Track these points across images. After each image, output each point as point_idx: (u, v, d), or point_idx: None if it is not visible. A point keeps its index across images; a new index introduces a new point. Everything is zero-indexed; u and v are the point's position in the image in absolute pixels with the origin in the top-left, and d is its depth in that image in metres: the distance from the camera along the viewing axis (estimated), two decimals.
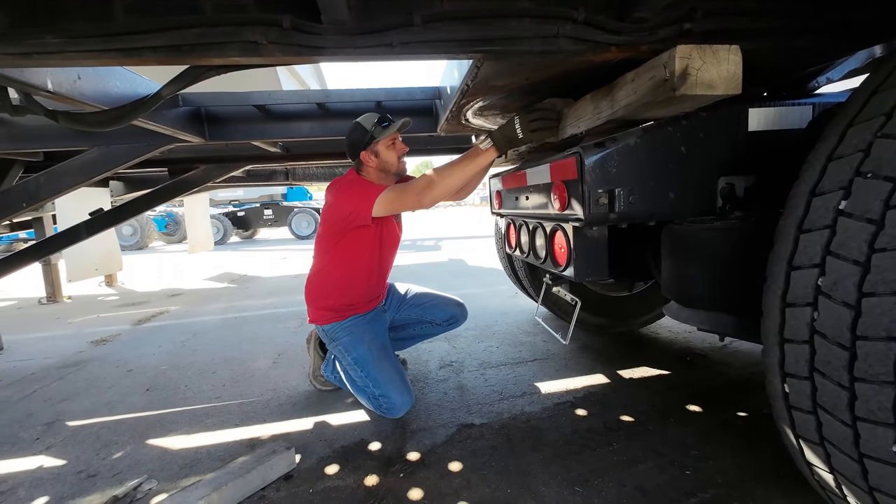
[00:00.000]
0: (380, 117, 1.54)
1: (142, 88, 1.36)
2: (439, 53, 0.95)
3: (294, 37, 0.87)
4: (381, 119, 1.54)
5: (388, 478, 1.27)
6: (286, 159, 2.74)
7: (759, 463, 1.25)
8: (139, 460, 1.43)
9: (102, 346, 2.74)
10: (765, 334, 0.83)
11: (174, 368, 2.25)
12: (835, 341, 0.69)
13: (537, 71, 1.15)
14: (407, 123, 1.59)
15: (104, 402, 1.88)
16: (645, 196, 1.08)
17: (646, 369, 1.91)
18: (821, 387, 0.73)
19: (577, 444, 1.39)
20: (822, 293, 0.71)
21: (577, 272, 1.24)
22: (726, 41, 0.94)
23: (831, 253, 0.70)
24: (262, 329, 2.88)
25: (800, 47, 1.03)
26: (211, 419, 1.68)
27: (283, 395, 1.85)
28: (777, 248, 0.81)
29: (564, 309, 2.37)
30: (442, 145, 2.92)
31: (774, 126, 1.10)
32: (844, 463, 0.73)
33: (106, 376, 2.20)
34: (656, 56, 0.94)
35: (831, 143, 0.77)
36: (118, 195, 3.72)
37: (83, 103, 1.15)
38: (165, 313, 3.60)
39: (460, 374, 1.96)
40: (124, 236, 9.85)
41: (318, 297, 1.66)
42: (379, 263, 1.69)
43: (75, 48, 0.82)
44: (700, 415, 1.53)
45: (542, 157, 1.46)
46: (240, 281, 5.12)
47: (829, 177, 0.74)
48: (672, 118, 1.08)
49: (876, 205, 0.65)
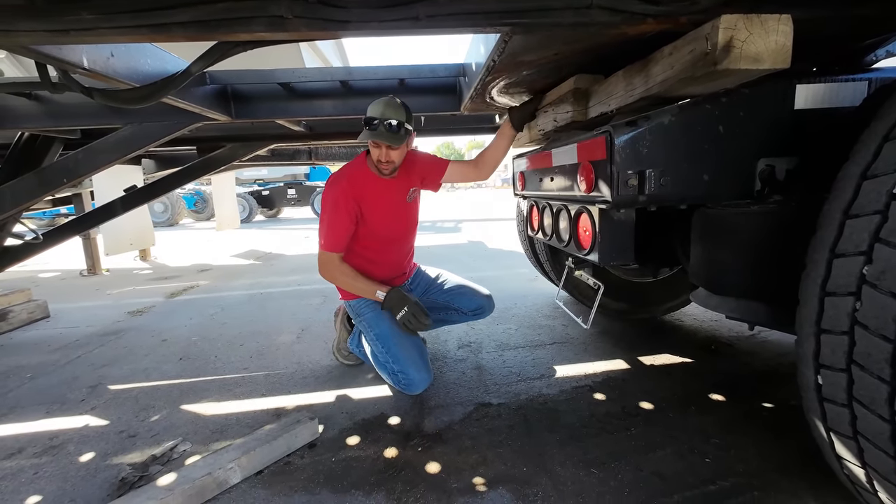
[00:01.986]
0: (371, 116, 1.46)
1: (171, 66, 1.38)
2: (466, 27, 0.92)
3: (319, 10, 0.86)
4: (370, 119, 1.47)
5: (406, 451, 1.31)
6: (309, 139, 2.76)
7: (783, 454, 1.22)
8: (174, 423, 1.52)
9: (139, 317, 2.89)
10: (800, 324, 0.79)
11: (204, 340, 2.36)
12: (878, 333, 0.65)
13: (568, 45, 1.10)
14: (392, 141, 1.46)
15: (141, 369, 2.00)
16: (677, 178, 1.03)
17: (668, 356, 1.88)
18: (858, 379, 0.70)
19: (595, 427, 1.39)
20: (868, 282, 0.67)
21: (602, 256, 1.21)
22: (776, 10, 0.87)
23: (880, 240, 0.66)
24: (285, 305, 2.97)
25: (864, 15, 0.94)
26: (240, 388, 1.76)
27: (307, 368, 1.92)
28: (820, 233, 0.76)
29: (585, 293, 2.34)
30: (463, 125, 2.87)
31: (824, 104, 1.02)
32: (878, 458, 0.70)
33: (142, 345, 2.33)
34: (697, 28, 0.88)
35: (889, 122, 0.71)
36: (150, 173, 3.85)
37: (116, 80, 1.18)
38: (196, 287, 3.76)
39: (479, 355, 1.98)
40: (156, 213, 10.25)
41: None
42: (388, 249, 1.72)
43: (108, 24, 0.83)
44: (723, 404, 1.50)
45: (568, 136, 1.42)
46: (265, 258, 5.27)
47: (883, 158, 0.69)
48: (711, 95, 1.02)
49: None
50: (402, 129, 1.49)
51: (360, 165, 1.64)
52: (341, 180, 1.59)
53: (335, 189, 1.57)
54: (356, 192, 1.57)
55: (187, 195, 11.34)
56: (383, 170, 1.58)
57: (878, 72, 1.06)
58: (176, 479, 1.12)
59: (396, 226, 1.72)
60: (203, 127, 2.22)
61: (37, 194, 1.97)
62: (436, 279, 1.93)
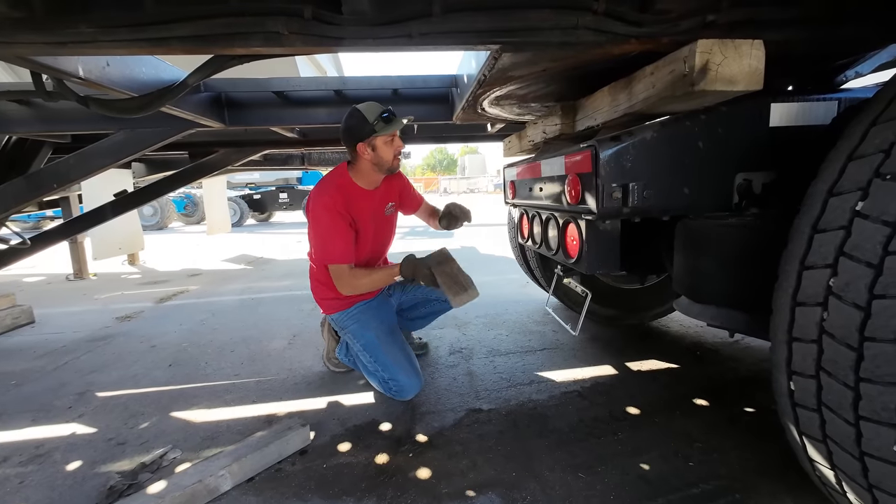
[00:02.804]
0: (383, 110, 1.46)
1: (167, 75, 1.40)
2: (458, 44, 0.95)
3: (315, 27, 0.88)
4: (383, 112, 1.46)
5: (397, 457, 1.33)
6: (303, 144, 2.77)
7: (764, 458, 1.26)
8: (164, 430, 1.52)
9: (127, 322, 2.86)
10: (773, 332, 0.84)
11: (195, 346, 2.35)
12: (843, 342, 0.69)
13: (556, 61, 1.14)
14: (410, 121, 1.56)
15: (130, 375, 1.99)
16: (660, 191, 1.07)
17: (654, 362, 1.92)
18: (826, 385, 0.73)
19: (583, 431, 1.42)
20: (834, 294, 0.71)
21: (589, 265, 1.24)
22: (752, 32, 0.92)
23: (845, 254, 0.70)
24: (277, 310, 2.97)
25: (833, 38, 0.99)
26: (230, 395, 1.76)
27: (299, 374, 1.93)
28: (791, 246, 0.80)
29: (575, 300, 2.38)
30: (456, 133, 2.91)
31: (797, 122, 1.08)
32: (846, 460, 0.74)
33: (131, 351, 2.31)
34: (678, 49, 0.93)
35: (853, 142, 0.76)
36: (140, 177, 3.82)
37: (112, 89, 1.19)
38: (186, 292, 3.73)
39: (470, 361, 2.00)
40: (145, 216, 10.12)
41: (321, 291, 1.70)
42: (369, 259, 1.72)
43: (107, 38, 0.85)
44: (707, 408, 1.54)
45: (556, 148, 1.46)
46: (256, 263, 5.24)
47: (847, 176, 0.74)
48: (691, 112, 1.07)
49: (893, 207, 0.64)
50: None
51: (341, 176, 1.59)
52: (329, 191, 1.53)
53: (326, 199, 1.51)
54: (347, 202, 1.54)
55: (177, 198, 11.22)
56: (397, 165, 1.59)
57: (847, 92, 1.12)
58: (166, 486, 1.13)
59: (378, 239, 1.73)
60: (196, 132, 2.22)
61: (25, 199, 1.96)
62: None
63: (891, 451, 0.65)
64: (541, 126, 1.61)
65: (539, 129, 1.62)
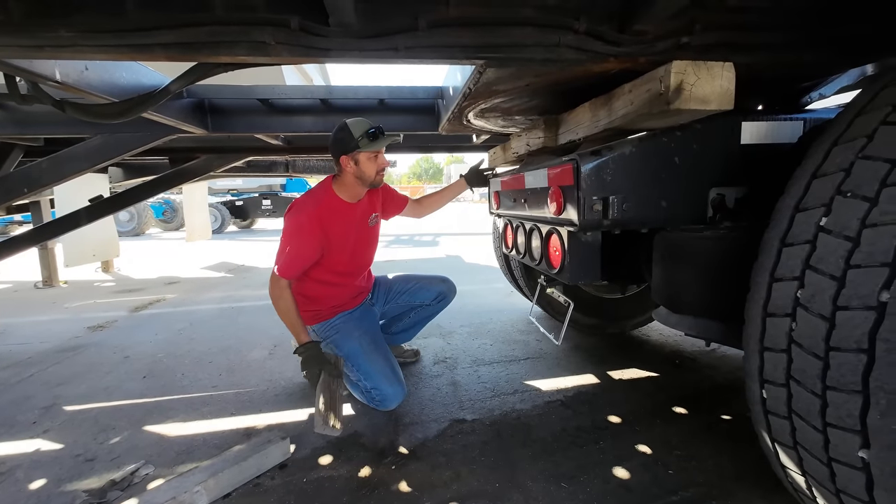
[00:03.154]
0: (370, 126, 1.50)
1: (147, 80, 1.38)
2: (444, 58, 0.97)
3: (302, 38, 0.89)
4: (370, 128, 1.49)
5: (380, 469, 1.31)
6: (287, 152, 2.75)
7: (740, 464, 1.29)
8: (137, 445, 1.46)
9: (99, 332, 2.76)
10: (746, 342, 0.86)
11: (171, 356, 2.28)
12: (810, 351, 0.72)
13: (539, 77, 1.18)
14: (395, 140, 1.57)
15: (102, 388, 1.91)
16: (638, 204, 1.11)
17: (635, 371, 1.96)
18: (796, 394, 0.76)
19: (566, 441, 1.43)
20: (801, 305, 0.74)
21: (571, 275, 1.27)
22: (723, 55, 0.97)
23: (811, 267, 0.73)
24: (258, 320, 2.91)
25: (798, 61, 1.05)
26: (208, 407, 1.71)
27: (279, 385, 1.88)
28: (761, 259, 0.84)
29: (558, 309, 2.41)
30: (442, 143, 2.94)
31: (766, 140, 1.13)
32: (815, 466, 0.77)
33: (103, 362, 2.22)
34: (654, 68, 0.96)
35: (817, 161, 0.80)
36: (117, 181, 3.72)
37: (90, 93, 1.17)
38: (162, 301, 3.62)
39: (454, 371, 2.00)
40: (121, 222, 9.82)
41: (303, 303, 1.68)
42: (350, 269, 1.72)
43: (88, 42, 0.84)
44: (686, 416, 1.57)
45: (540, 160, 1.49)
46: (237, 271, 5.13)
47: (812, 193, 0.78)
48: (667, 129, 1.11)
49: (853, 223, 0.68)
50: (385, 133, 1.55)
51: (325, 191, 1.61)
52: (307, 207, 1.55)
53: (301, 216, 1.53)
54: (323, 219, 1.55)
55: (155, 204, 10.93)
56: (380, 180, 1.60)
57: (812, 113, 1.18)
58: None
59: (360, 251, 1.73)
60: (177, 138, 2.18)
61: None
62: (392, 286, 1.95)
63: (856, 457, 0.68)
64: (525, 138, 1.64)
65: (523, 142, 1.65)
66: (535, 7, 0.93)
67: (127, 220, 10.01)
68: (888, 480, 0.65)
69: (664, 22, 0.94)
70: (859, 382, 0.65)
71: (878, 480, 0.66)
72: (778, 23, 1.00)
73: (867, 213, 0.67)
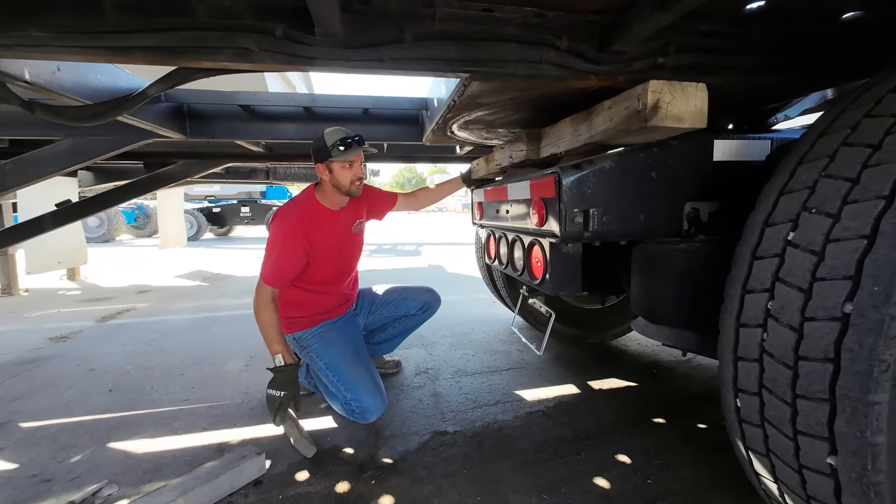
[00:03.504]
0: (343, 137, 1.49)
1: (124, 83, 1.34)
2: (429, 70, 0.98)
3: (286, 46, 0.88)
4: (343, 139, 1.49)
5: (359, 484, 1.28)
6: (268, 158, 2.71)
7: (715, 473, 1.32)
8: (100, 464, 1.38)
9: (62, 343, 2.62)
10: (721, 352, 0.89)
11: (140, 368, 2.18)
12: (781, 360, 0.75)
13: (522, 91, 1.20)
14: (370, 151, 1.58)
15: (63, 403, 1.81)
16: (617, 217, 1.13)
17: (615, 380, 1.98)
18: (768, 402, 0.79)
19: (547, 452, 1.43)
20: (772, 316, 0.77)
21: (553, 286, 1.28)
22: (697, 75, 1.01)
23: (780, 279, 0.76)
24: (234, 330, 2.82)
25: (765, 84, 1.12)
26: (178, 422, 1.64)
27: (255, 398, 1.82)
28: (734, 271, 0.87)
29: (540, 320, 2.43)
30: (426, 153, 2.95)
31: (737, 157, 1.18)
32: (787, 473, 0.79)
33: (66, 375, 2.10)
34: (632, 87, 1.00)
35: (783, 178, 0.84)
36: (87, 185, 3.58)
37: (62, 95, 1.13)
38: (132, 310, 3.47)
39: (436, 382, 1.98)
40: (90, 227, 9.42)
41: (287, 310, 1.65)
42: (335, 275, 1.70)
43: (61, 43, 0.81)
44: (663, 426, 1.60)
45: (522, 173, 1.51)
46: (213, 279, 4.98)
47: (780, 209, 0.81)
48: (645, 145, 1.15)
49: (818, 238, 0.71)
50: (364, 143, 1.54)
51: (308, 199, 1.61)
52: (291, 215, 1.55)
53: (285, 224, 1.52)
54: (307, 227, 1.54)
55: (127, 209, 10.55)
56: (356, 190, 1.58)
57: (778, 133, 1.25)
58: None
59: (344, 258, 1.71)
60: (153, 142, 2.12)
61: None
62: (377, 297, 1.93)
63: (825, 464, 0.70)
64: (507, 151, 1.67)
65: (506, 154, 1.68)
66: (518, 25, 0.96)
67: (96, 225, 9.62)
68: (854, 486, 0.68)
69: (641, 43, 0.99)
70: (827, 391, 0.68)
71: (846, 486, 0.69)
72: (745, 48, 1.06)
73: (830, 228, 0.70)
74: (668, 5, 0.80)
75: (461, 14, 0.92)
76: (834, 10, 0.96)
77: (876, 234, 0.65)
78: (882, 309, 0.62)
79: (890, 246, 0.63)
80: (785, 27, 1.02)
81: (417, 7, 0.91)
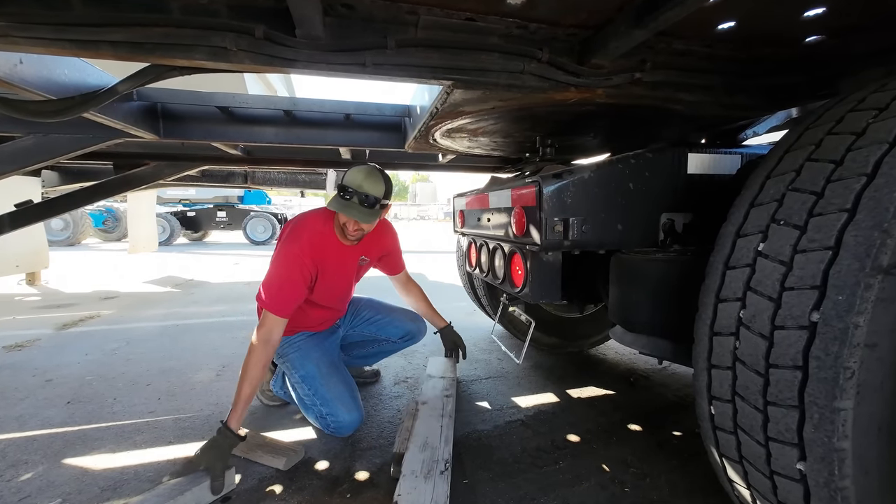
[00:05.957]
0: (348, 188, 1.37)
1: (93, 79, 1.28)
2: (411, 77, 0.98)
3: (266, 47, 0.87)
4: (344, 188, 1.37)
5: (333, 498, 1.23)
6: (247, 162, 2.64)
7: (690, 480, 1.33)
8: (53, 482, 1.29)
9: (17, 353, 2.46)
10: (695, 360, 0.90)
11: (102, 379, 2.06)
12: (752, 368, 0.77)
13: (504, 101, 1.22)
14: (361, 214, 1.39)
15: (14, 416, 1.69)
16: (596, 226, 1.15)
17: (593, 389, 2.00)
18: (740, 409, 0.80)
19: (526, 462, 1.42)
20: (743, 324, 0.79)
21: (533, 294, 1.29)
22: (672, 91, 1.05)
23: (751, 289, 0.79)
24: (206, 338, 2.71)
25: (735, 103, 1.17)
26: (142, 436, 1.55)
27: (226, 409, 1.73)
28: (707, 281, 0.89)
29: (520, 328, 2.44)
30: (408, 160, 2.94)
31: (709, 170, 1.22)
32: (759, 479, 0.80)
33: (19, 386, 1.97)
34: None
35: (753, 191, 0.87)
36: (51, 186, 3.40)
37: (24, 89, 1.07)
38: (96, 318, 3.30)
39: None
40: (53, 230, 8.97)
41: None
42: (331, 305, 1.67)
43: (23, 34, 0.77)
44: (640, 434, 1.61)
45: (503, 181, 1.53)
46: (185, 286, 4.80)
47: (750, 221, 0.84)
48: (623, 156, 1.18)
49: (786, 248, 0.74)
50: (377, 205, 1.39)
51: (324, 223, 1.53)
52: (302, 239, 1.45)
53: (295, 247, 1.43)
54: (316, 255, 1.47)
55: (95, 212, 10.11)
56: (350, 236, 1.49)
57: (748, 148, 1.30)
58: None
59: (345, 286, 1.68)
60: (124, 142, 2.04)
61: None
62: (362, 311, 1.89)
63: (794, 469, 0.72)
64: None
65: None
66: (500, 35, 0.97)
67: (60, 228, 9.16)
68: (822, 491, 0.69)
69: (619, 59, 1.01)
70: (796, 398, 0.70)
71: (814, 491, 0.70)
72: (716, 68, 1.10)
73: (798, 239, 0.73)
74: (644, 23, 0.83)
75: (444, 22, 0.93)
76: (797, 34, 1.02)
77: (839, 246, 0.67)
78: (846, 318, 0.64)
79: (852, 257, 0.66)
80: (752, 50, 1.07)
81: (401, 14, 0.91)
